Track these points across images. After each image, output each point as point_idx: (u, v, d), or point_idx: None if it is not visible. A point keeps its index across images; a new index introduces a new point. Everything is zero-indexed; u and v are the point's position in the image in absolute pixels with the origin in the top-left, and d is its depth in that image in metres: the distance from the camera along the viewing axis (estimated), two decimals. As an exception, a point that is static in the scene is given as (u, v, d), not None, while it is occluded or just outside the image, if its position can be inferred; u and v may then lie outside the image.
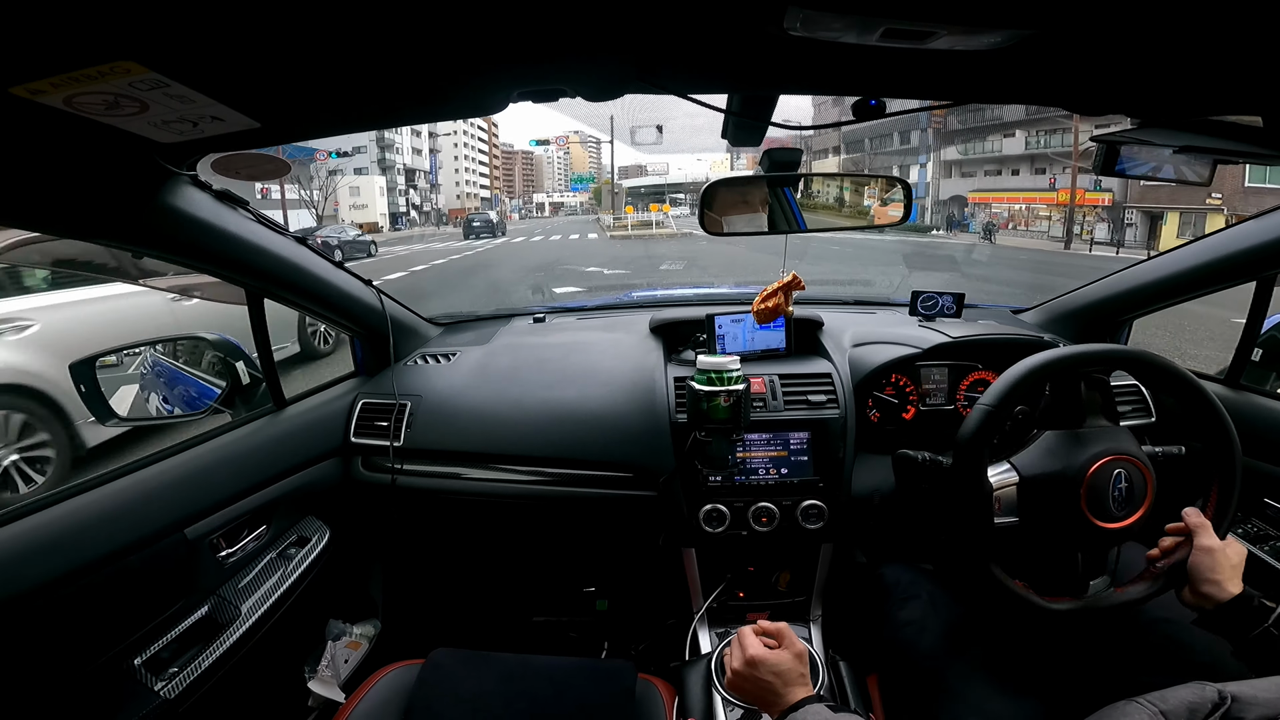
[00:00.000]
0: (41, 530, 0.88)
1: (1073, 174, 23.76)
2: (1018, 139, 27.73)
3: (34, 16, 0.47)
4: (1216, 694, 0.65)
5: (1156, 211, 22.59)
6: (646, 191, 73.07)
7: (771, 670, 0.87)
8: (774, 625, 0.94)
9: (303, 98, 0.75)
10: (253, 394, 1.41)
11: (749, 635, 0.92)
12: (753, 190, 1.15)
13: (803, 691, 0.86)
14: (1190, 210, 21.57)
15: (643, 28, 0.62)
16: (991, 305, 1.91)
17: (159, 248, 0.99)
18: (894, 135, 34.73)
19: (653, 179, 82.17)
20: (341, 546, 1.39)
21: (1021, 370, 0.90)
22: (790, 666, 0.87)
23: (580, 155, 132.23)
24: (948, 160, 32.18)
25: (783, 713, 0.83)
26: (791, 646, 0.89)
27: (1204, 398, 0.91)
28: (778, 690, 0.85)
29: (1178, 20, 0.56)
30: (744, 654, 0.89)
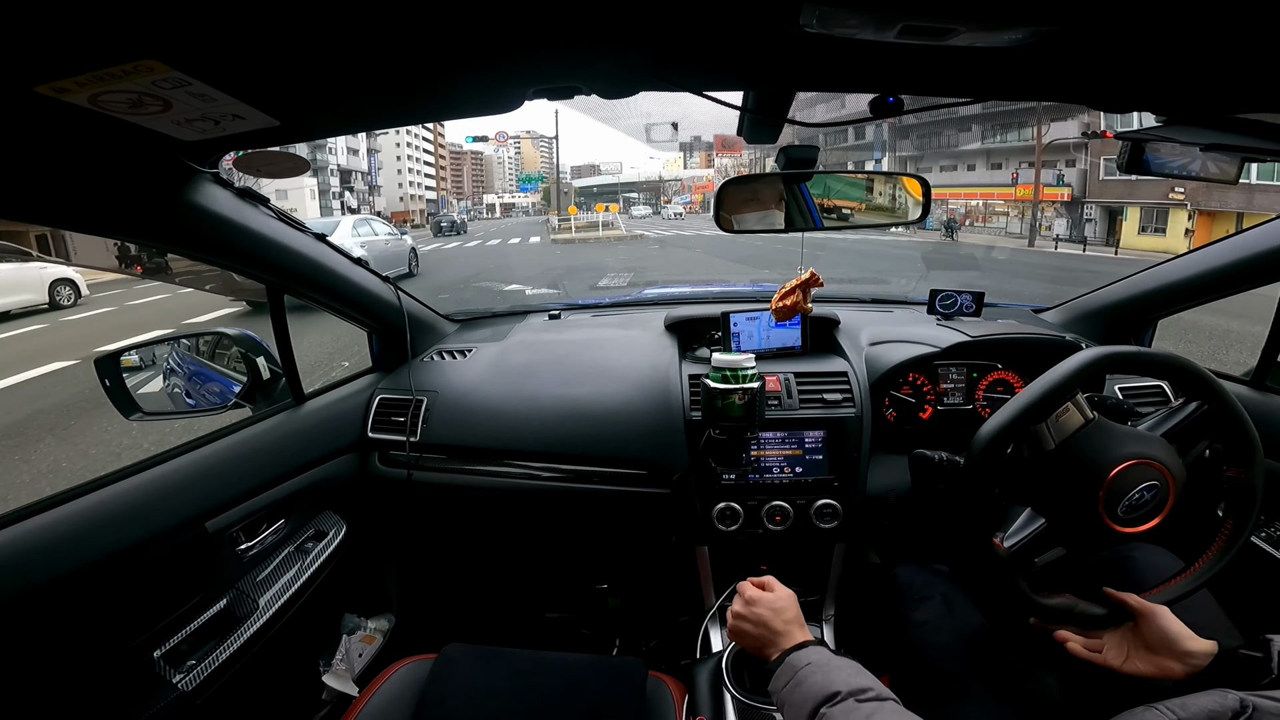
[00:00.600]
0: (68, 522, 0.90)
1: (1036, 169, 23.36)
2: (974, 133, 27.29)
3: (58, 16, 0.48)
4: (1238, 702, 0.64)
5: (1116, 206, 22.36)
6: (600, 191, 72.01)
7: (769, 607, 0.90)
8: (765, 579, 0.98)
9: (321, 96, 0.75)
10: (273, 389, 1.43)
11: (746, 583, 0.98)
12: (768, 188, 1.15)
13: (801, 634, 0.88)
14: (1151, 204, 21.39)
15: (658, 24, 0.61)
16: (1012, 304, 1.88)
17: (183, 245, 1.01)
18: (849, 131, 34.00)
19: (606, 178, 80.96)
20: (357, 541, 1.41)
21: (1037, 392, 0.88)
22: (787, 605, 0.91)
23: (532, 154, 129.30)
24: (903, 156, 31.62)
25: (784, 652, 0.84)
26: (783, 589, 0.95)
27: (1224, 400, 0.89)
28: (776, 628, 0.88)
29: (1202, 16, 0.55)
30: (743, 597, 0.94)
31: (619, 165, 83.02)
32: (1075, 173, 23.21)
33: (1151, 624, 0.84)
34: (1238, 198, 19.56)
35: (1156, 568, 1.01)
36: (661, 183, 67.82)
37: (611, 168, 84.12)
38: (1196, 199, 20.13)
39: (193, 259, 1.04)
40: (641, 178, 70.13)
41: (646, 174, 71.73)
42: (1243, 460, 0.89)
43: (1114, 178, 22.33)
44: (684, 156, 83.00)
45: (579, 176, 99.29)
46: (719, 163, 54.21)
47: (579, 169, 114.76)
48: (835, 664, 0.79)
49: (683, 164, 78.22)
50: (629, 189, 69.55)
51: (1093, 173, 22.83)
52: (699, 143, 70.39)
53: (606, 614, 1.80)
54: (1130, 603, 0.87)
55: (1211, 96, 0.77)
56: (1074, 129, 22.01)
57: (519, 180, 66.83)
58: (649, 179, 69.31)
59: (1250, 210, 19.51)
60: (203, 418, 1.45)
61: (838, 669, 0.77)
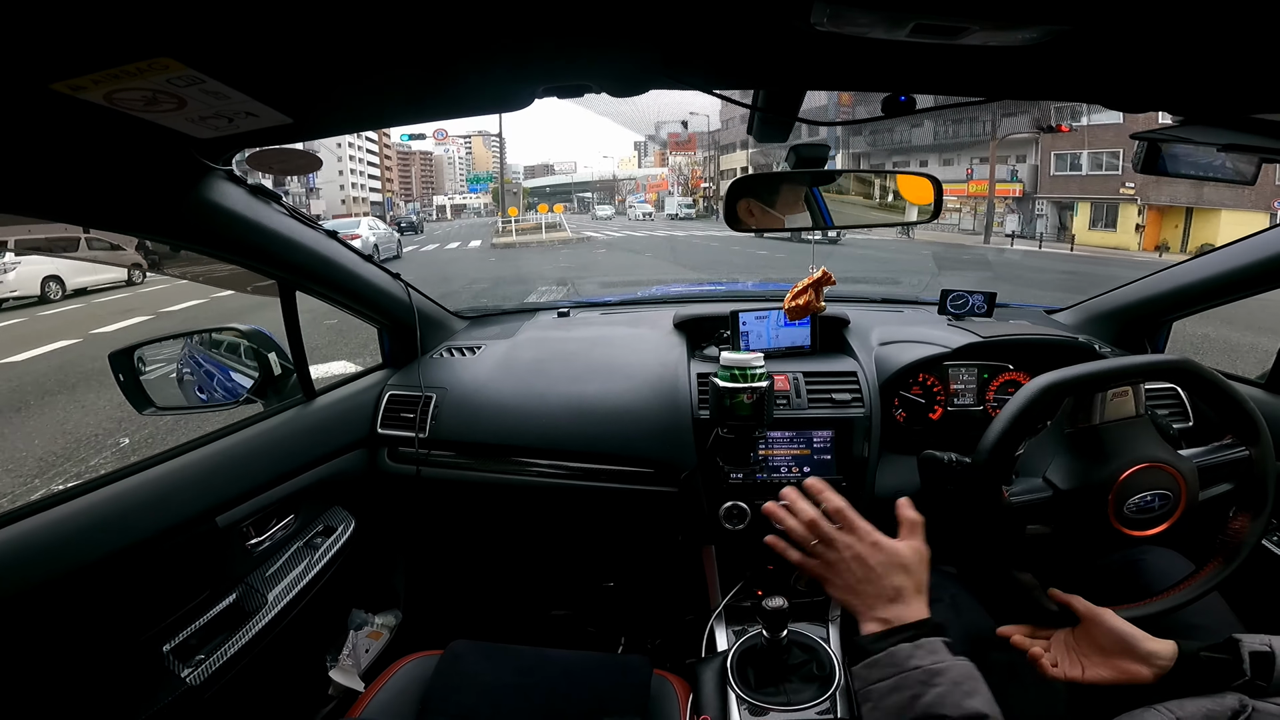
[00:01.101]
0: (80, 517, 0.91)
1: (990, 165, 23.18)
2: (925, 129, 27.05)
3: (74, 14, 0.49)
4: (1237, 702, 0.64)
5: (1066, 202, 22.38)
6: (553, 191, 71.54)
7: (897, 558, 0.74)
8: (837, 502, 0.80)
9: (333, 94, 0.76)
10: (284, 384, 1.44)
11: (847, 510, 0.79)
12: (778, 186, 1.14)
13: (922, 608, 0.72)
14: (1102, 200, 21.44)
15: (668, 22, 0.61)
16: (1024, 305, 1.87)
17: (197, 241, 1.01)
18: (801, 127, 33.79)
19: (559, 178, 79.98)
20: (366, 537, 1.42)
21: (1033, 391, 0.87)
22: (918, 565, 0.75)
23: (484, 154, 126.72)
24: (856, 152, 31.20)
25: (899, 627, 0.70)
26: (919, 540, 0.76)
27: (1244, 410, 0.88)
28: (903, 589, 0.72)
29: (1218, 15, 0.54)
30: (870, 533, 0.76)
31: (573, 165, 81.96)
32: (1026, 168, 23.14)
33: (1100, 627, 0.82)
34: (1187, 192, 19.66)
35: (1166, 573, 1.00)
36: (615, 181, 67.21)
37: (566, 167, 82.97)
38: (1146, 194, 20.31)
39: (207, 256, 1.05)
40: (595, 176, 69.48)
41: (599, 173, 71.01)
42: (1255, 509, 0.88)
43: (1064, 173, 22.47)
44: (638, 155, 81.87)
45: (532, 176, 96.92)
46: (673, 160, 53.81)
47: (532, 169, 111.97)
48: (974, 677, 0.65)
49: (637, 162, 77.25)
50: (582, 188, 69.33)
51: (1044, 168, 22.80)
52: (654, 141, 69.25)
53: (612, 612, 1.81)
54: (1076, 605, 0.85)
55: (1228, 96, 0.76)
56: (1026, 124, 21.85)
57: (467, 181, 64.71)
58: (602, 178, 68.66)
59: (1199, 205, 19.84)
60: (214, 412, 1.46)
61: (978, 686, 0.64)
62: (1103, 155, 21.72)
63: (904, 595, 0.71)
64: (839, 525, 0.79)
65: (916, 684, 0.63)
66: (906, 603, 0.71)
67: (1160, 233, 20.95)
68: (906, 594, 0.72)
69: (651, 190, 55.20)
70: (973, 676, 0.65)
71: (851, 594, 0.74)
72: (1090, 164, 22.12)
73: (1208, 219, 19.95)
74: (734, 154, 43.07)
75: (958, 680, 0.63)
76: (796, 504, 0.81)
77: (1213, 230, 19.85)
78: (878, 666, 0.67)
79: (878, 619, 0.71)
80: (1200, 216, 20.21)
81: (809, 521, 0.79)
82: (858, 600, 0.73)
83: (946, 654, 0.66)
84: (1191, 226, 20.38)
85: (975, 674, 0.65)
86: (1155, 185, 19.95)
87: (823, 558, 0.78)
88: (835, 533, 0.77)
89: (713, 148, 46.58)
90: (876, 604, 0.72)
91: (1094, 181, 21.61)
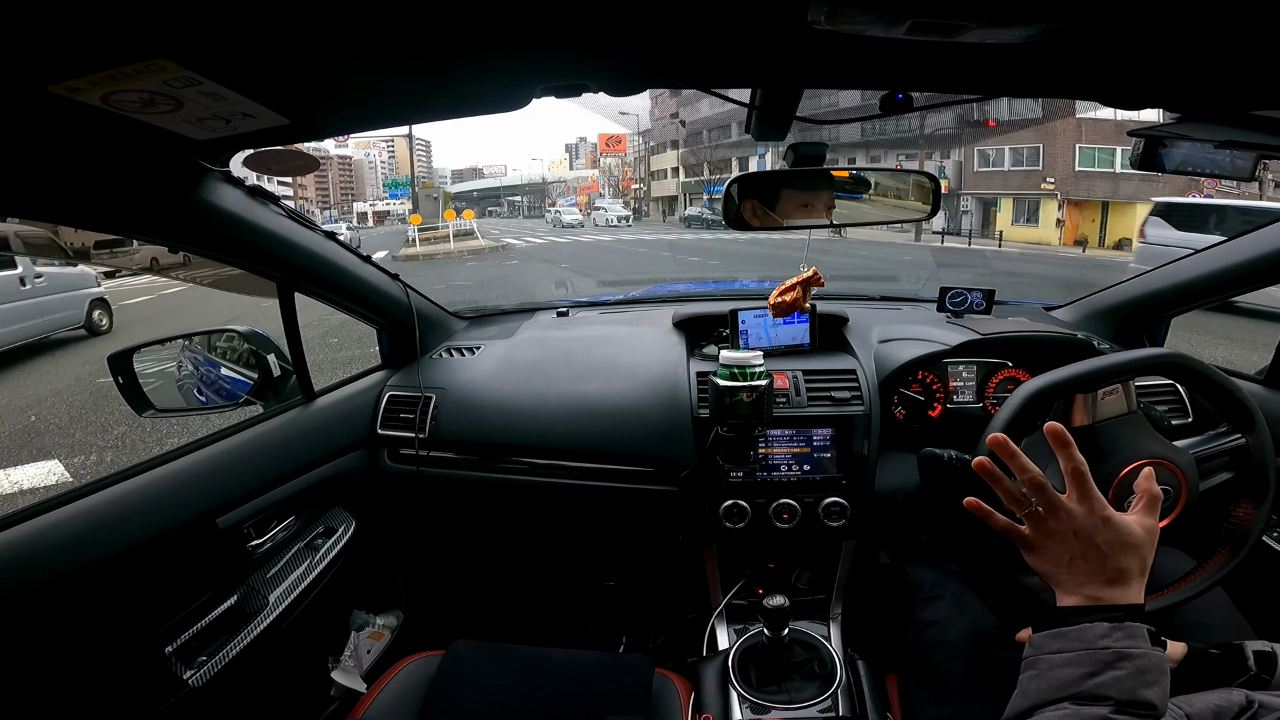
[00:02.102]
0: (81, 519, 0.91)
1: (920, 162, 22.75)
2: (853, 127, 26.54)
3: (71, 16, 0.49)
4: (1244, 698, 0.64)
5: (990, 198, 22.38)
6: (480, 195, 70.33)
7: (1130, 536, 0.65)
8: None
9: (331, 94, 0.76)
10: (283, 386, 1.44)
11: (1087, 475, 0.66)
12: (777, 185, 1.14)
13: (1140, 593, 0.64)
14: (1024, 195, 21.56)
15: (666, 21, 0.61)
16: (1023, 302, 1.87)
17: (195, 243, 1.01)
18: (731, 126, 32.84)
19: (488, 181, 77.35)
20: (367, 538, 1.42)
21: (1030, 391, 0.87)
22: (1148, 545, 0.66)
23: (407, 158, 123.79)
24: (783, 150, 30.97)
25: (1107, 606, 0.63)
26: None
27: (1236, 398, 0.88)
28: (1127, 571, 0.64)
29: (1215, 11, 0.54)
30: (1103, 506, 0.66)
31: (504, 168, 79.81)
32: (951, 165, 23.02)
33: None
34: (1104, 187, 19.99)
35: (1172, 571, 1.00)
36: (545, 184, 65.98)
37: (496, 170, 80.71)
38: (1065, 189, 20.45)
39: (205, 257, 1.05)
40: (525, 179, 67.96)
41: (529, 175, 69.48)
42: (1257, 496, 0.88)
43: (987, 169, 22.49)
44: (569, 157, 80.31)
45: (460, 180, 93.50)
46: (604, 162, 53.04)
47: (460, 172, 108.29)
48: (1161, 670, 0.60)
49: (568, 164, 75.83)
50: (512, 192, 68.07)
51: (968, 164, 22.74)
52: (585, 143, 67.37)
53: (613, 611, 1.81)
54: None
55: (1226, 93, 0.77)
56: (950, 119, 21.70)
57: (385, 186, 62.37)
58: (532, 180, 67.52)
59: (1116, 199, 20.07)
60: (214, 414, 1.46)
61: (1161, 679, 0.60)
62: (1024, 150, 21.79)
63: (1125, 578, 0.64)
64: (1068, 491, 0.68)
65: (1098, 663, 0.59)
66: (1125, 586, 0.64)
67: (1078, 226, 21.13)
68: (1129, 577, 0.64)
69: (583, 193, 53.42)
70: (1160, 669, 0.59)
71: (1062, 568, 0.66)
72: (1012, 160, 22.19)
73: (1124, 212, 20.10)
74: (664, 154, 42.71)
75: (1144, 669, 0.58)
76: (1017, 460, 0.68)
77: (1129, 224, 19.86)
78: (1062, 638, 0.62)
79: (1085, 595, 0.64)
80: (1116, 210, 20.41)
81: (1034, 483, 0.67)
82: (1067, 576, 0.66)
83: (1146, 642, 0.60)
84: (1108, 220, 20.61)
85: (1164, 668, 0.60)
86: (1074, 180, 20.30)
87: (1040, 527, 0.68)
88: (1062, 500, 0.67)
89: (643, 148, 46.15)
90: (1090, 582, 0.64)
91: (1016, 177, 21.69)
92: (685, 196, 38.39)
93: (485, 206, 67.49)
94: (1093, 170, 20.33)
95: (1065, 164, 20.70)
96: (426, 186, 42.11)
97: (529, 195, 66.16)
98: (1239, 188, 18.25)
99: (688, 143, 39.26)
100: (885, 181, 1.19)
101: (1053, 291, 5.24)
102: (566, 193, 58.64)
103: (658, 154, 43.99)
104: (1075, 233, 20.96)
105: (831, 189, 1.13)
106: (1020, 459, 0.68)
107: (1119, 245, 20.10)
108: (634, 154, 47.96)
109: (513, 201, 66.37)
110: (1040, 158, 21.43)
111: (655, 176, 44.95)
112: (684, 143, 39.78)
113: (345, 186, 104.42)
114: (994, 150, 22.60)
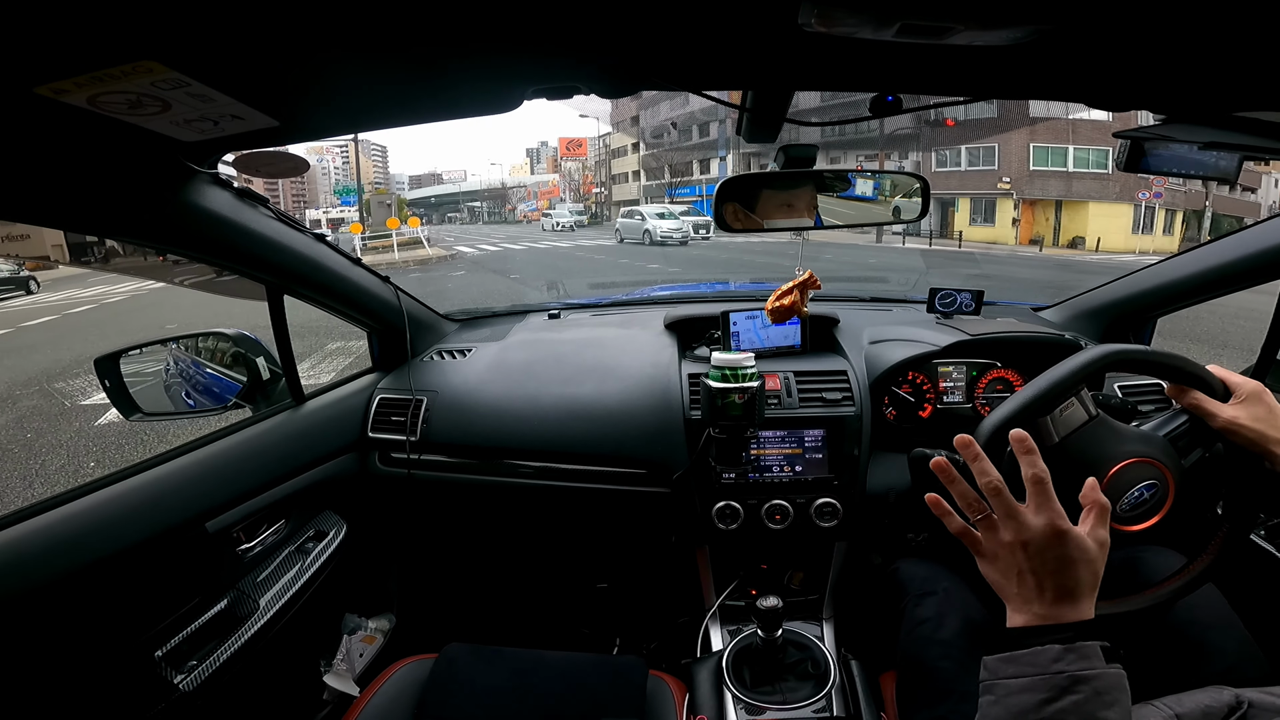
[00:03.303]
0: (68, 523, 0.90)
1: (879, 163, 22.98)
2: (814, 128, 26.69)
3: (57, 17, 0.48)
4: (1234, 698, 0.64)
5: (948, 198, 22.68)
6: (438, 201, 69.40)
7: (1083, 551, 0.63)
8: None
9: (320, 96, 0.76)
10: (272, 389, 1.43)
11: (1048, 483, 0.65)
12: (768, 187, 1.15)
13: (1089, 608, 0.63)
14: (980, 195, 21.98)
15: (658, 23, 0.62)
16: (1011, 303, 1.88)
17: (182, 245, 1.01)
18: (693, 129, 33.42)
19: (447, 187, 76.58)
20: (358, 541, 1.41)
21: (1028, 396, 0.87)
22: (1099, 558, 0.64)
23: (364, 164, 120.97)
24: (746, 152, 30.18)
25: (1057, 625, 0.62)
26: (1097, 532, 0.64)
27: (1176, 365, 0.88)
28: (1076, 587, 0.62)
29: (1201, 14, 0.55)
30: (1060, 518, 0.63)
31: (463, 173, 78.17)
32: (910, 164, 23.11)
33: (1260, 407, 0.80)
34: (1058, 185, 20.49)
35: (1163, 569, 1.01)
36: (505, 189, 65.60)
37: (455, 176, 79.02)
38: (1020, 188, 20.89)
39: (193, 260, 1.04)
40: (484, 184, 67.30)
41: (488, 180, 68.32)
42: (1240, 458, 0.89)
43: (945, 169, 22.78)
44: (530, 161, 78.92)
45: (418, 186, 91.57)
46: (565, 166, 52.81)
47: (418, 178, 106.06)
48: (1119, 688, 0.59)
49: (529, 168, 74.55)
50: (471, 197, 67.48)
51: (926, 164, 22.92)
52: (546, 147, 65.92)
53: (606, 613, 1.81)
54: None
55: (1210, 95, 0.77)
56: (909, 119, 21.80)
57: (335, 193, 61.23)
58: (490, 185, 67.05)
59: (1069, 198, 20.60)
60: (203, 418, 1.45)
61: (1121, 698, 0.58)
62: (979, 150, 22.02)
63: (1075, 594, 0.62)
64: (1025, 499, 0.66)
65: (1054, 688, 0.58)
66: (1075, 603, 0.62)
67: (1033, 224, 21.48)
68: (1079, 592, 0.62)
69: (544, 197, 53.05)
70: (1118, 687, 0.59)
71: (1010, 580, 0.65)
72: (968, 159, 22.42)
73: (1077, 211, 20.56)
74: (626, 157, 42.86)
75: (1101, 690, 0.58)
76: (980, 462, 0.67)
77: (1081, 222, 20.46)
78: (1015, 663, 0.61)
79: (1034, 613, 0.63)
80: (1070, 209, 20.83)
81: (991, 487, 0.66)
82: (1015, 589, 0.64)
83: (1100, 661, 0.59)
84: (1062, 219, 20.99)
85: (1123, 684, 0.59)
86: (1029, 179, 20.70)
87: (991, 535, 0.66)
88: (1019, 508, 0.65)
89: (604, 151, 46.09)
90: (1037, 599, 0.63)
91: (972, 177, 22.00)
92: (646, 200, 38.24)
93: (445, 213, 66.98)
94: (1047, 169, 20.66)
95: (1020, 163, 21.01)
96: (380, 193, 40.32)
97: (489, 201, 65.62)
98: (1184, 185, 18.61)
99: (649, 146, 39.34)
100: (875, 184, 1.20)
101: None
102: (528, 197, 58.15)
103: (619, 157, 44.10)
104: (1030, 231, 21.30)
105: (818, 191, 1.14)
106: (983, 462, 0.67)
107: (1072, 244, 20.44)
108: (595, 157, 47.87)
109: (473, 207, 65.92)
110: (996, 157, 21.69)
111: (617, 180, 44.89)
112: (644, 147, 39.84)
113: (297, 195, 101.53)
114: (950, 150, 22.85)
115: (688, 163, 35.55)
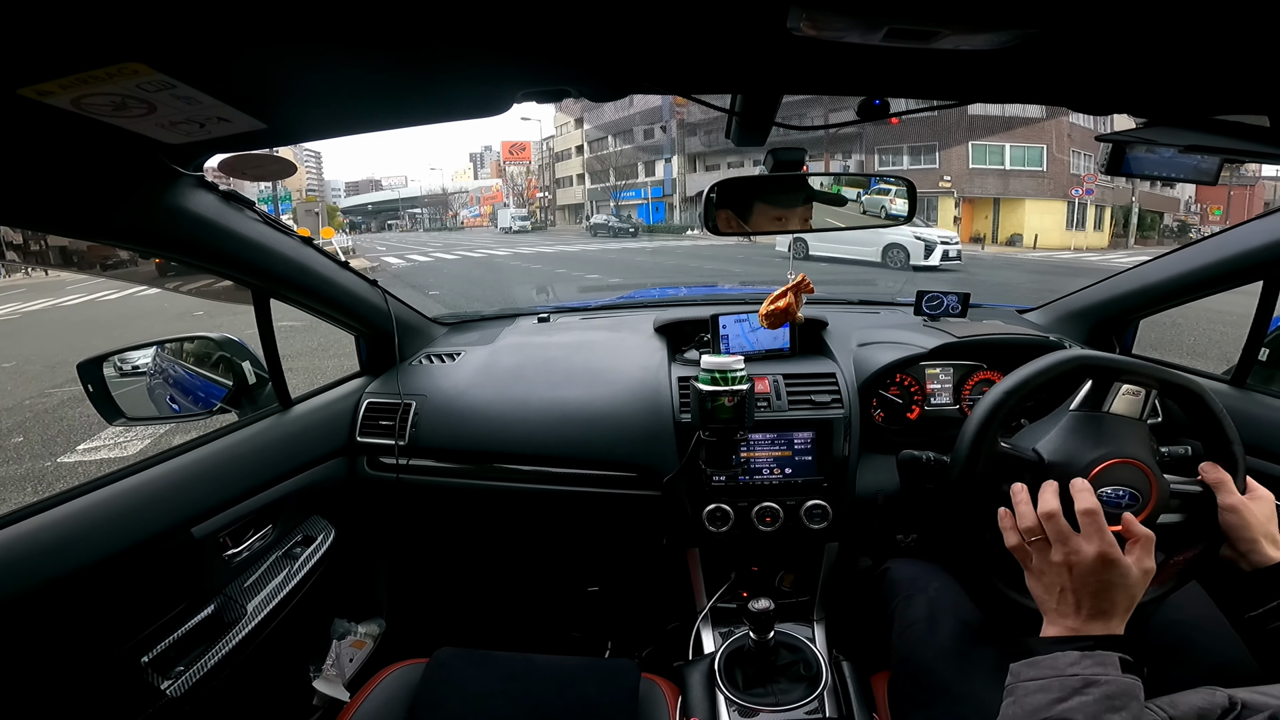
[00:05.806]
0: (51, 528, 0.89)
1: (825, 164, 22.81)
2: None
3: (41, 18, 0.48)
4: (1227, 699, 0.65)
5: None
6: (375, 208, 67.58)
7: (1125, 575, 0.67)
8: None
9: (308, 99, 0.75)
10: (259, 393, 1.41)
11: (1100, 515, 0.69)
12: (757, 190, 1.15)
13: (1120, 626, 0.68)
14: (922, 194, 22.50)
15: (648, 27, 0.62)
16: (997, 305, 1.90)
17: (167, 248, 1.00)
18: (638, 131, 33.56)
19: (386, 194, 74.36)
20: (347, 546, 1.40)
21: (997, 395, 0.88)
22: (1140, 583, 0.68)
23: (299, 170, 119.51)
24: (692, 153, 30.89)
25: (1081, 636, 0.66)
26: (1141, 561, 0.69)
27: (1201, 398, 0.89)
28: (1111, 609, 0.67)
29: (1183, 20, 0.56)
30: (1111, 548, 0.68)
31: (403, 179, 76.30)
32: (854, 164, 23.27)
33: (1238, 513, 0.81)
34: (995, 184, 21.03)
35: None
36: (446, 195, 64.44)
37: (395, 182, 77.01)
38: (961, 187, 21.26)
39: (179, 263, 1.03)
40: (424, 191, 65.86)
41: (429, 186, 66.76)
42: (1223, 459, 0.90)
43: (888, 169, 22.88)
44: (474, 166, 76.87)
45: (356, 193, 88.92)
46: (508, 170, 52.24)
47: (356, 185, 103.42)
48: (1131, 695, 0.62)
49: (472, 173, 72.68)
50: (411, 204, 65.81)
51: (869, 163, 23.09)
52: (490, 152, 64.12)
53: (598, 616, 1.80)
54: (1214, 484, 0.83)
55: (1192, 98, 0.79)
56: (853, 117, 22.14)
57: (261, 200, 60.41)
58: (431, 192, 65.64)
59: (1006, 195, 21.14)
60: (188, 423, 1.44)
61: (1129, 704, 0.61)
62: (920, 149, 22.22)
63: (1109, 614, 0.67)
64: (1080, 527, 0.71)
65: (1066, 689, 0.61)
66: (1107, 620, 0.67)
67: (972, 222, 21.80)
68: (1113, 613, 0.68)
69: (486, 203, 52.23)
70: (1130, 695, 0.61)
71: (1051, 595, 0.70)
72: (910, 158, 22.58)
73: (1014, 208, 20.98)
74: (570, 160, 42.71)
75: (1111, 695, 0.60)
76: (1043, 493, 0.74)
77: (1019, 219, 20.89)
78: (1036, 666, 0.66)
79: (1066, 626, 0.68)
80: (1007, 206, 21.23)
81: (1048, 514, 0.72)
82: (1055, 604, 0.70)
83: (1116, 670, 0.62)
84: (1000, 216, 21.39)
85: (1135, 693, 0.62)
86: (969, 178, 21.09)
87: (1043, 554, 0.72)
88: (1073, 533, 0.70)
89: (546, 154, 45.72)
90: (1073, 614, 0.68)
91: (914, 175, 22.16)
92: (592, 204, 38.15)
93: (384, 220, 65.55)
94: (985, 167, 21.01)
95: (960, 161, 21.29)
96: (309, 200, 37.75)
97: (430, 207, 64.23)
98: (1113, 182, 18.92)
99: (592, 149, 39.06)
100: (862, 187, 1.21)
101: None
102: (470, 203, 57.13)
103: (563, 160, 43.80)
104: (971, 229, 21.57)
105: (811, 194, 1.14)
106: (1086, 493, 0.73)
107: (1010, 241, 20.81)
108: (539, 161, 47.40)
109: (413, 214, 64.68)
110: (937, 156, 21.91)
111: (561, 184, 44.54)
112: (588, 150, 39.58)
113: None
114: (894, 148, 23.03)
115: (632, 165, 35.41)
